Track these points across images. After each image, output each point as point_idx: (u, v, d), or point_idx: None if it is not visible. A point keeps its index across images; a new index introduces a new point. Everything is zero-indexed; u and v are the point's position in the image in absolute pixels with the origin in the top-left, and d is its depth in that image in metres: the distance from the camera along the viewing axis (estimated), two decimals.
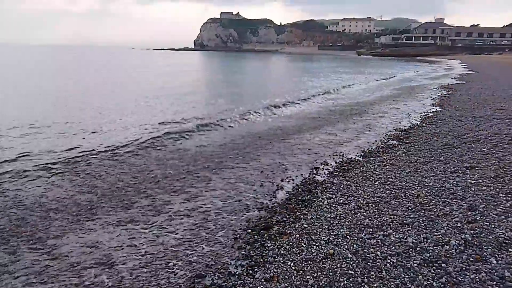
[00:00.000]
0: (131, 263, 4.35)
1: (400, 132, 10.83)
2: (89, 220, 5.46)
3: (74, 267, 4.29)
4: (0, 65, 46.43)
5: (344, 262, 4.05)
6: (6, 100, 17.49)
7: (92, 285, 3.95)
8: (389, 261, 3.99)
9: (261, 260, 4.21)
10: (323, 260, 4.12)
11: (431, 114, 13.72)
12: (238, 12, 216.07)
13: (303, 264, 4.06)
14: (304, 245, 4.48)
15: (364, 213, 5.27)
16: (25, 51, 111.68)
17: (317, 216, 5.31)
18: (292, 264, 4.09)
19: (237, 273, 3.98)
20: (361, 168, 7.52)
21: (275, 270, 3.98)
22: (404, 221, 4.88)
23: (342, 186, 6.51)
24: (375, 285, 3.61)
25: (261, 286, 3.73)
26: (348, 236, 4.63)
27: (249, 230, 5.00)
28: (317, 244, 4.49)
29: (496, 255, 3.93)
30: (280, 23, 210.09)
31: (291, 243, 4.55)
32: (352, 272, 3.86)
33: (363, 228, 4.80)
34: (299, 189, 6.48)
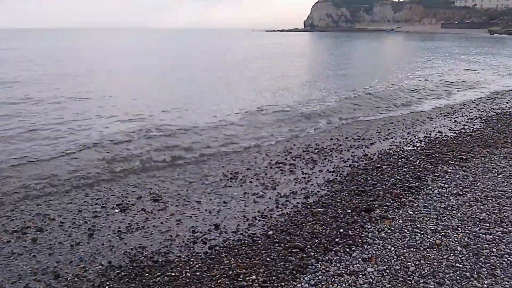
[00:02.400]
0: (233, 228, 4.72)
1: None
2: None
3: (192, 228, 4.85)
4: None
5: (452, 255, 3.79)
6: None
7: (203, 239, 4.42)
8: (506, 259, 3.60)
9: (360, 240, 4.17)
10: (428, 250, 3.91)
11: None
12: None
13: (404, 250, 3.91)
14: (408, 232, 4.29)
15: (481, 207, 4.79)
16: (151, 35, 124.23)
17: (425, 204, 5.00)
18: (392, 248, 3.96)
19: (333, 249, 4.02)
20: (482, 158, 6.76)
21: (374, 252, 3.91)
22: None
23: (457, 176, 5.98)
24: (486, 282, 3.31)
25: (358, 264, 3.71)
26: (459, 229, 4.29)
27: (349, 211, 4.95)
28: (422, 232, 4.26)
29: None
30: (398, 0, 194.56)
31: (393, 228, 4.40)
32: (460, 266, 3.59)
33: (478, 222, 4.38)
34: (407, 175, 6.13)
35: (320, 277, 3.55)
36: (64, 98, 13.00)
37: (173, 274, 3.73)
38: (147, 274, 3.76)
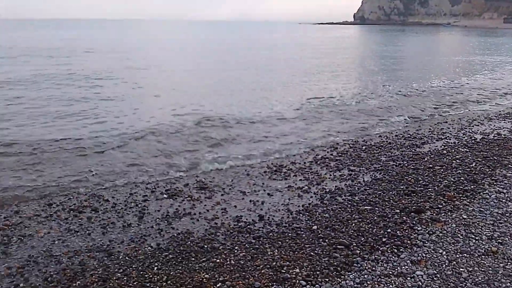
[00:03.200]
0: (277, 220, 4.72)
1: None
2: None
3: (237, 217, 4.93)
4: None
5: (509, 263, 3.57)
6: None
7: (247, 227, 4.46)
8: None
9: (408, 241, 4.03)
10: (482, 256, 3.71)
11: None
12: None
13: (457, 255, 3.73)
14: (461, 237, 4.09)
15: None
16: (197, 27, 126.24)
17: (481, 209, 4.74)
18: (444, 252, 3.79)
19: (380, 249, 3.92)
20: None
21: (424, 255, 3.77)
22: None
23: None
24: None
25: (406, 266, 3.59)
26: None
27: (398, 211, 4.79)
28: (477, 238, 4.05)
29: None
30: None
31: (445, 232, 4.21)
32: None
33: None
34: (462, 178, 5.82)
35: (365, 276, 3.48)
36: (127, 91, 13.50)
37: (218, 260, 3.81)
38: (193, 259, 3.86)
